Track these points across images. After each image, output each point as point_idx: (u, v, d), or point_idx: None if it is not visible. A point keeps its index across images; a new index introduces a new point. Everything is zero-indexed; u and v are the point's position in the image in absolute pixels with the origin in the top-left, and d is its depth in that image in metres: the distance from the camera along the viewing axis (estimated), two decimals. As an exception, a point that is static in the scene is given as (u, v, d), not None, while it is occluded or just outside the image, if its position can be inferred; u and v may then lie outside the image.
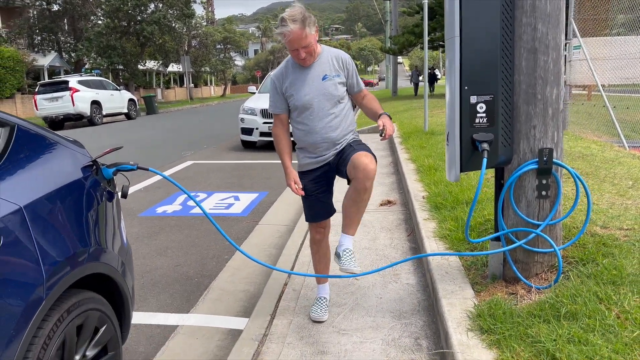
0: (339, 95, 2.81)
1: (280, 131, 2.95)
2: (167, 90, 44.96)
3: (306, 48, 2.66)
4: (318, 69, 2.80)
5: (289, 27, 2.58)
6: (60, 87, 19.54)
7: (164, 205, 6.34)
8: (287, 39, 2.62)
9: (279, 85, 2.88)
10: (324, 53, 2.84)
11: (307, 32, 2.61)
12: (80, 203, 2.15)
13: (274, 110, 2.94)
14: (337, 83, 2.80)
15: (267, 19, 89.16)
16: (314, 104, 2.78)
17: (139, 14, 30.30)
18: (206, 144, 12.53)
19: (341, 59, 2.86)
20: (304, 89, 2.79)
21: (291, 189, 2.85)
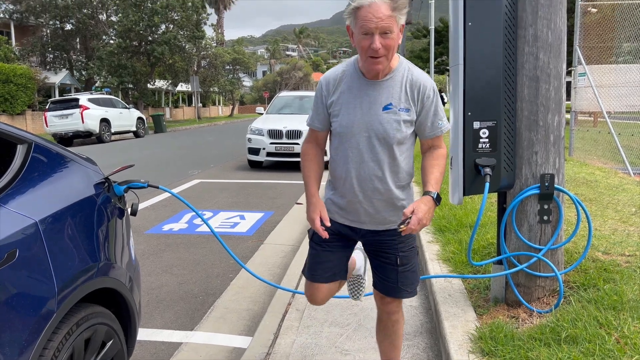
0: (398, 138, 2.05)
1: (312, 150, 2.26)
2: (176, 110, 45.41)
3: (386, 36, 1.89)
4: (383, 91, 2.05)
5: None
6: (71, 105, 19.82)
7: (170, 223, 6.40)
8: (361, 13, 1.89)
9: (325, 93, 2.17)
10: (400, 70, 2.07)
11: (395, 15, 1.89)
12: (91, 219, 2.21)
13: (310, 122, 2.25)
14: (403, 121, 2.04)
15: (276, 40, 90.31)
16: (360, 139, 2.07)
17: (150, 34, 30.79)
18: (213, 163, 12.64)
19: (419, 86, 2.04)
20: (354, 112, 2.08)
21: (314, 226, 2.13)
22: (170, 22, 31.22)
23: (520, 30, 2.60)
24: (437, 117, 2.09)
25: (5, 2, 29.89)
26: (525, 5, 2.56)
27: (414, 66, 2.12)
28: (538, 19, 2.54)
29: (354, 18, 1.94)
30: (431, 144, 2.13)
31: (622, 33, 9.66)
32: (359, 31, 1.92)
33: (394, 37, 1.91)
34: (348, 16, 1.97)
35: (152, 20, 29.22)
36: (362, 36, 1.91)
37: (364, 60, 1.98)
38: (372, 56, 1.93)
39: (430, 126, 2.09)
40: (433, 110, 2.07)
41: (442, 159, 2.13)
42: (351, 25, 1.98)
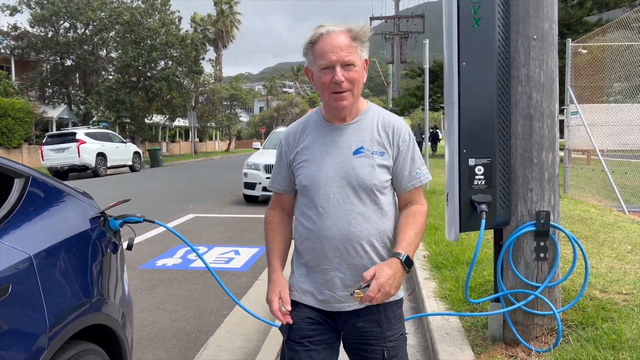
0: (374, 185, 1.77)
1: (276, 217, 1.97)
2: (172, 144, 45.63)
3: (349, 69, 1.71)
4: (352, 135, 1.82)
5: (328, 27, 1.75)
6: (68, 139, 19.92)
7: (164, 258, 6.34)
8: (318, 46, 1.73)
9: (286, 148, 1.92)
10: (369, 114, 1.87)
11: (355, 46, 1.73)
12: (86, 254, 2.20)
13: (272, 184, 1.97)
14: (377, 165, 1.78)
15: (273, 77, 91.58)
16: (330, 188, 1.78)
17: (149, 70, 31.22)
18: (208, 197, 12.62)
19: (393, 127, 1.83)
20: (320, 161, 1.81)
21: (272, 310, 1.81)
22: (169, 58, 31.71)
23: (514, 71, 2.66)
24: (415, 165, 1.83)
25: (7, 37, 30.37)
26: (517, 46, 2.62)
27: (384, 110, 1.94)
28: (530, 60, 2.61)
29: (311, 55, 1.77)
30: (409, 198, 1.85)
31: (612, 73, 9.87)
32: (318, 68, 1.74)
33: (358, 71, 1.73)
34: (305, 56, 1.81)
35: (151, 56, 29.68)
36: (322, 72, 1.73)
37: (327, 99, 1.77)
38: (335, 91, 1.73)
39: (407, 175, 1.81)
40: (410, 157, 1.82)
41: (419, 217, 1.82)
42: (310, 65, 1.81)
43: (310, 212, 1.83)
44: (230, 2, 54.24)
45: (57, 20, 30.12)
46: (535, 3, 2.57)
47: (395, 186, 1.85)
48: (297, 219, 1.91)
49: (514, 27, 2.62)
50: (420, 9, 35.62)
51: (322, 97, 1.80)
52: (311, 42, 1.76)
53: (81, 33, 30.99)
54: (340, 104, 1.75)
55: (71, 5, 29.49)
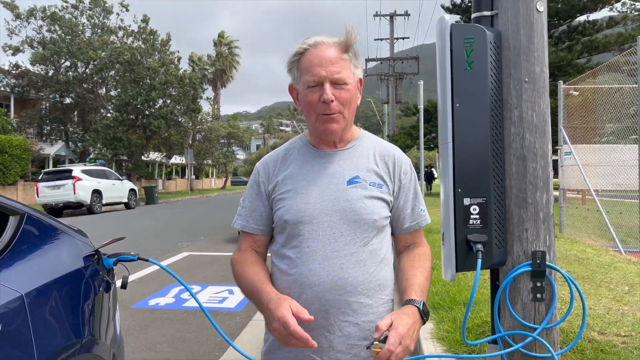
0: (373, 220, 1.51)
1: (248, 255, 1.62)
2: (169, 181, 45.66)
3: (340, 87, 1.46)
4: (345, 162, 1.57)
5: (316, 39, 1.51)
6: (64, 176, 19.94)
7: (156, 297, 6.25)
8: (305, 59, 1.49)
9: (263, 179, 1.62)
10: (364, 141, 1.64)
11: (348, 60, 1.49)
12: (78, 292, 2.17)
13: (243, 223, 1.64)
14: (375, 197, 1.53)
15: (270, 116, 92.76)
16: (320, 224, 1.49)
17: (148, 108, 31.56)
18: (203, 235, 12.54)
19: (394, 157, 1.62)
20: (307, 192, 1.52)
21: (290, 329, 1.29)
22: (167, 97, 32.10)
23: (506, 112, 2.71)
24: (419, 202, 1.63)
25: (7, 76, 30.77)
26: (510, 88, 2.68)
27: (379, 138, 1.72)
28: (522, 102, 2.66)
29: (296, 70, 1.52)
30: (411, 240, 1.63)
31: (603, 115, 10.05)
32: (304, 85, 1.48)
33: (351, 90, 1.48)
34: (290, 71, 1.56)
35: (149, 95, 30.06)
36: (309, 90, 1.47)
37: (314, 121, 1.50)
38: (323, 113, 1.47)
39: (410, 213, 1.60)
40: (413, 192, 1.62)
41: (426, 260, 1.60)
42: (295, 82, 1.55)
43: (291, 254, 1.51)
44: (229, 44, 55.36)
45: (58, 59, 30.60)
46: (526, 47, 2.64)
47: (395, 226, 1.61)
48: (274, 265, 1.58)
49: (506, 70, 2.68)
50: (415, 50, 36.39)
51: (307, 119, 1.54)
52: (297, 54, 1.52)
53: (81, 72, 31.45)
54: (329, 127, 1.49)
55: (73, 45, 30.03)
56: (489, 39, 2.66)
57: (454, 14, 23.40)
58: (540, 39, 2.67)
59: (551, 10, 19.70)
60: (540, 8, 2.66)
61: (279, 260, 1.58)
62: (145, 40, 32.31)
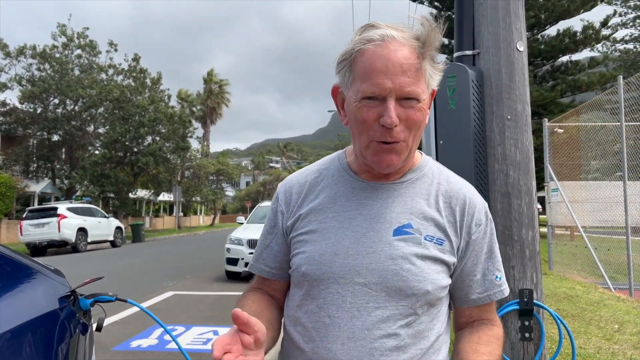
0: (426, 292, 1.10)
1: (248, 297, 1.25)
2: (156, 219, 45.24)
3: (409, 104, 1.06)
4: (395, 203, 1.16)
5: (385, 30, 1.07)
6: (49, 214, 19.65)
7: (139, 339, 6.07)
8: (366, 59, 1.06)
9: (284, 207, 1.25)
10: (426, 172, 1.22)
11: (425, 69, 1.08)
12: (52, 335, 2.09)
13: (254, 263, 1.30)
14: (432, 258, 1.12)
15: (261, 153, 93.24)
16: (348, 286, 1.11)
17: (136, 145, 31.54)
18: (189, 274, 12.33)
19: (463, 201, 1.18)
20: (336, 238, 1.14)
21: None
22: (156, 134, 32.15)
23: (490, 149, 2.72)
24: (494, 265, 1.19)
25: (-5, 113, 30.75)
26: (492, 126, 2.70)
27: (445, 168, 1.26)
28: (505, 139, 2.67)
29: (348, 71, 1.10)
30: (477, 315, 1.21)
31: (588, 152, 10.20)
32: (357, 94, 1.07)
33: (423, 109, 1.08)
34: (339, 72, 1.13)
35: (138, 132, 30.09)
36: (363, 103, 1.06)
37: (364, 147, 1.10)
38: (382, 140, 1.06)
39: (480, 280, 1.17)
40: (487, 251, 1.19)
41: (496, 344, 1.17)
42: (344, 85, 1.13)
43: (307, 321, 1.13)
44: (219, 82, 56.01)
45: (47, 97, 30.67)
46: (507, 85, 2.68)
47: (457, 296, 1.19)
48: (285, 326, 1.21)
49: (489, 107, 2.71)
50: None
51: (355, 139, 1.12)
52: (351, 52, 1.08)
53: (70, 109, 31.51)
54: (385, 159, 1.08)
55: (62, 82, 30.17)
56: (471, 78, 2.70)
57: (441, 54, 23.97)
58: (522, 77, 2.71)
59: (534, 51, 20.24)
60: (520, 48, 2.71)
61: (291, 325, 1.18)
62: (136, 79, 32.58)
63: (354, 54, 1.08)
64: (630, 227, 7.19)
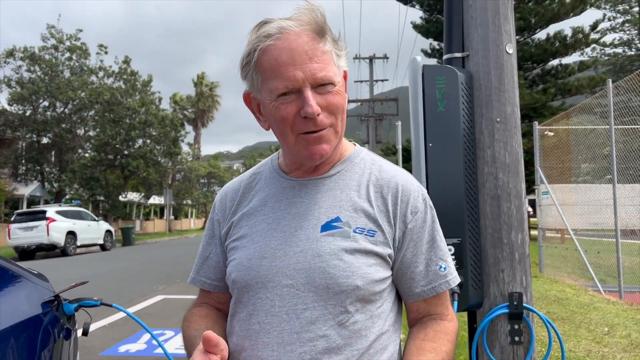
0: (353, 287, 1.03)
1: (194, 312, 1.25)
2: (147, 222, 44.99)
3: (325, 90, 1.03)
4: (324, 197, 1.11)
5: (279, 23, 1.03)
6: (37, 217, 19.46)
7: (127, 343, 6.01)
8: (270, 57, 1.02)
9: (220, 215, 1.22)
10: (357, 162, 1.17)
11: (329, 50, 1.04)
12: (35, 341, 2.05)
13: (194, 275, 1.28)
14: (362, 250, 1.06)
15: (253, 156, 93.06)
16: (276, 290, 1.06)
17: (127, 148, 31.36)
18: (180, 277, 12.25)
19: (395, 188, 1.12)
20: (264, 240, 1.10)
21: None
22: (147, 137, 32.00)
23: (479, 152, 2.71)
24: (437, 254, 1.12)
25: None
26: (482, 128, 2.69)
27: (381, 158, 1.20)
28: (495, 142, 2.66)
29: (255, 71, 1.05)
30: (426, 310, 1.14)
31: (578, 155, 10.26)
32: (272, 94, 1.03)
33: (340, 92, 1.04)
34: (245, 78, 1.09)
35: (129, 135, 29.93)
36: (280, 101, 1.02)
37: (293, 144, 1.06)
38: (308, 131, 1.03)
39: (423, 272, 1.10)
40: (428, 239, 1.11)
41: (444, 340, 1.09)
42: (254, 90, 1.09)
43: (239, 330, 1.08)
44: (210, 85, 55.88)
45: (37, 99, 30.44)
46: (497, 88, 2.67)
47: (402, 290, 1.13)
48: (228, 332, 1.14)
49: (478, 110, 2.69)
50: (394, 92, 37.19)
51: (281, 140, 1.08)
52: (260, 49, 1.02)
53: (60, 112, 31.28)
54: (317, 150, 1.04)
55: (52, 85, 29.96)
56: (461, 80, 2.68)
57: (432, 57, 24.06)
58: (511, 80, 2.70)
59: (525, 54, 20.38)
60: (509, 50, 2.71)
61: (228, 337, 1.13)
62: (127, 81, 32.42)
63: (256, 54, 1.04)
64: (619, 230, 7.22)
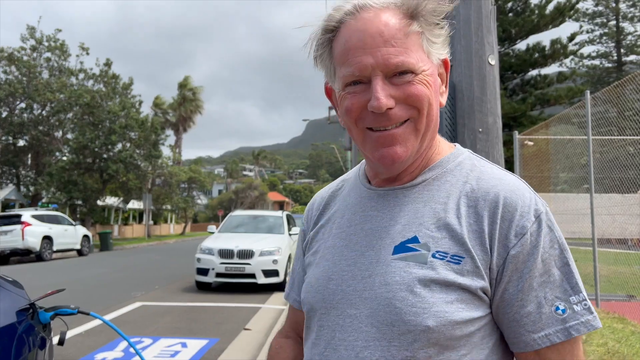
0: (423, 329, 0.81)
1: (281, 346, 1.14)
2: (125, 227, 44.36)
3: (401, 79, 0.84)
4: (404, 211, 0.91)
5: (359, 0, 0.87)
6: (12, 221, 19.03)
7: (104, 351, 5.89)
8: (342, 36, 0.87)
9: (306, 226, 1.12)
10: (450, 170, 0.94)
11: (418, 32, 0.86)
12: (8, 351, 2.00)
13: (289, 292, 1.15)
14: (441, 282, 0.83)
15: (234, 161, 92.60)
16: (340, 318, 0.90)
17: (106, 152, 30.93)
18: (158, 284, 12.09)
19: (495, 201, 0.85)
20: (335, 257, 0.95)
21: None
22: (127, 140, 31.60)
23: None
24: (553, 291, 0.85)
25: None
26: (464, 138, 2.71)
27: (486, 162, 0.97)
28: (477, 152, 2.68)
29: (328, 59, 0.92)
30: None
31: (557, 164, 10.42)
32: (340, 82, 0.89)
33: (426, 81, 0.85)
34: (320, 63, 0.94)
35: (109, 138, 29.53)
36: (348, 90, 0.87)
37: (361, 143, 0.90)
38: (372, 127, 0.87)
39: (534, 313, 0.84)
40: (542, 271, 0.85)
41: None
42: (330, 79, 0.94)
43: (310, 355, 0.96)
44: (194, 89, 55.50)
45: (13, 101, 29.86)
46: (479, 99, 2.69)
47: (506, 336, 0.88)
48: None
49: (460, 120, 2.72)
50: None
51: (354, 139, 0.93)
52: (327, 32, 0.89)
53: (37, 114, 30.72)
54: (389, 153, 0.86)
55: (30, 86, 29.44)
56: (444, 90, 2.71)
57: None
58: (493, 91, 2.73)
59: (505, 64, 20.70)
60: (492, 62, 2.74)
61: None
62: (107, 84, 32.02)
63: (330, 33, 0.89)
64: (596, 239, 7.34)
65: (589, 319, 0.84)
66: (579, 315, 0.84)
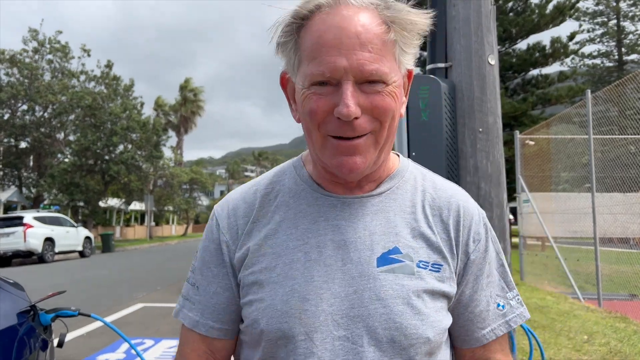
0: (423, 340, 0.83)
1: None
2: (127, 228, 44.42)
3: (372, 88, 0.80)
4: (375, 221, 0.89)
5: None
6: (14, 223, 19.08)
7: (106, 353, 5.90)
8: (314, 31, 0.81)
9: (228, 236, 0.94)
10: (407, 178, 0.96)
11: (393, 40, 0.82)
12: (9, 353, 2.00)
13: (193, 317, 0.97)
14: (429, 291, 0.85)
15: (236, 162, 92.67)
16: (326, 343, 0.82)
17: (108, 153, 30.97)
18: (160, 285, 12.10)
19: (457, 210, 0.92)
20: (306, 275, 0.85)
21: None
22: (129, 142, 31.63)
23: (462, 161, 2.72)
24: (498, 288, 0.94)
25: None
26: (464, 138, 2.71)
27: (428, 171, 1.02)
28: (477, 152, 2.68)
29: (292, 51, 0.85)
30: (484, 356, 0.94)
31: (558, 164, 10.41)
32: (307, 80, 0.82)
33: (394, 93, 0.82)
34: (282, 51, 0.87)
35: (110, 140, 29.56)
36: (314, 91, 0.81)
37: (319, 147, 0.85)
38: (339, 135, 0.82)
39: (484, 311, 0.91)
40: (488, 272, 0.93)
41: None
42: (290, 69, 0.87)
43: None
44: (195, 90, 55.55)
45: (15, 103, 29.91)
46: (479, 98, 2.69)
47: (456, 335, 0.93)
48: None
49: (461, 120, 2.71)
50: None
51: (308, 138, 0.86)
52: (296, 18, 0.83)
53: (39, 116, 30.77)
54: (348, 163, 0.82)
55: (31, 88, 29.48)
56: (444, 90, 2.70)
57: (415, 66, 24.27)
58: (493, 90, 2.73)
59: (506, 64, 20.68)
60: (491, 61, 2.73)
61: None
62: (108, 85, 32.06)
63: (299, 21, 0.82)
64: (598, 238, 7.33)
65: (522, 311, 0.96)
66: (514, 309, 0.95)
